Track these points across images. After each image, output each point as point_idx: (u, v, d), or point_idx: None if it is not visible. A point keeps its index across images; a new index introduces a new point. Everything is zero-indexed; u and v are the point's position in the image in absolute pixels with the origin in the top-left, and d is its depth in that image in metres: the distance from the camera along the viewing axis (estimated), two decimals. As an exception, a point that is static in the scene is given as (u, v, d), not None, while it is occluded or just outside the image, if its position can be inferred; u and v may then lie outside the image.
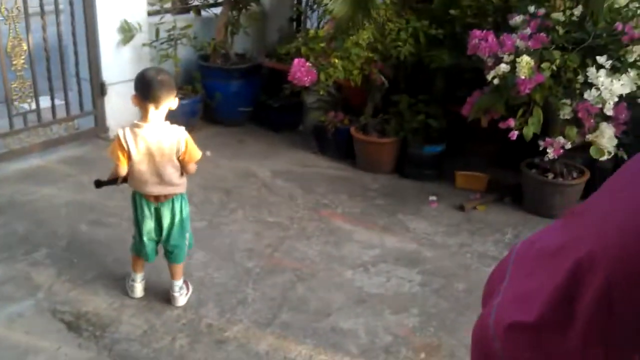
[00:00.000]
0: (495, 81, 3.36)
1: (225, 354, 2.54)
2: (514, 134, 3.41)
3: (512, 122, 3.40)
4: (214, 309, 2.81)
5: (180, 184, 2.63)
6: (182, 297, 2.81)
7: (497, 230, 3.62)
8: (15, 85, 4.04)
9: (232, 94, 4.92)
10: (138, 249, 2.75)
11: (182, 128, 2.58)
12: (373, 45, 4.13)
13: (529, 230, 3.61)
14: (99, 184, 2.70)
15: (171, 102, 2.52)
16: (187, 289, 2.87)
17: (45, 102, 4.21)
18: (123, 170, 2.56)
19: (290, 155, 4.58)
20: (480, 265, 3.25)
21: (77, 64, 4.33)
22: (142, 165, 2.52)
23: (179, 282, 2.80)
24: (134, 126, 2.50)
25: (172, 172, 2.57)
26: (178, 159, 2.57)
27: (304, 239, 3.44)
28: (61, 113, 4.35)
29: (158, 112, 2.49)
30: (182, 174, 2.63)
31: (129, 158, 2.51)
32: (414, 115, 4.17)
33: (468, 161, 4.19)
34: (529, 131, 3.36)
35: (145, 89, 2.45)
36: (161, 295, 2.86)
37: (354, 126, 4.40)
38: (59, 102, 4.34)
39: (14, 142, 4.10)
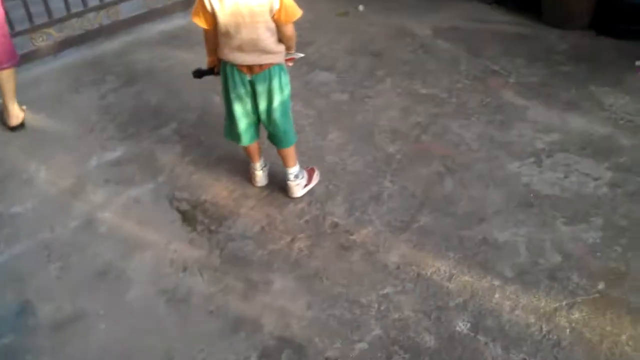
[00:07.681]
0: None
1: (347, 265, 2.13)
2: None
3: None
4: (342, 204, 2.40)
5: (278, 52, 2.13)
6: (298, 187, 2.42)
7: None
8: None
9: None
10: (229, 132, 2.37)
11: None
12: None
13: None
14: (199, 73, 2.32)
15: None
16: (309, 178, 2.47)
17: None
18: (210, 35, 2.14)
19: (459, 7, 3.80)
20: (702, 161, 2.41)
21: None
22: (230, 27, 2.05)
23: (293, 169, 2.40)
24: None
25: (267, 36, 2.07)
26: (273, 18, 2.05)
27: (462, 117, 2.81)
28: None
29: None
30: (279, 40, 2.13)
31: (215, 20, 2.05)
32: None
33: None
34: None
35: None
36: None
37: (543, -33, 3.45)
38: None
39: (153, 1, 3.84)
